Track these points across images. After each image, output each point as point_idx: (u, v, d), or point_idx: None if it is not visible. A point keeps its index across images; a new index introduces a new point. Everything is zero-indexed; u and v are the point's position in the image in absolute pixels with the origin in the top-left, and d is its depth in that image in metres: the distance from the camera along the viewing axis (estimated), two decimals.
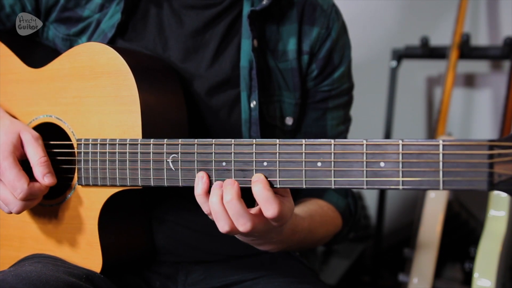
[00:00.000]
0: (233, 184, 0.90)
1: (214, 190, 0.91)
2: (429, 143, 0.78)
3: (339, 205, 1.27)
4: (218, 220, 0.92)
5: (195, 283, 1.19)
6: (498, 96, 2.40)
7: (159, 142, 0.98)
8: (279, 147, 0.89)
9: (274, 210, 0.88)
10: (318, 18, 1.22)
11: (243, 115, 1.17)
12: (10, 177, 1.03)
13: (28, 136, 1.07)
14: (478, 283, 1.56)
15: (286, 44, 1.21)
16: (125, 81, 1.05)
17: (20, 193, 1.03)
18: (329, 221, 1.23)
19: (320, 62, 1.23)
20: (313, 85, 1.25)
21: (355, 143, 0.83)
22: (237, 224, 0.90)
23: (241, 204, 0.89)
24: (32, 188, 1.04)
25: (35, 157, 1.06)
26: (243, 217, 0.89)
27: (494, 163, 0.75)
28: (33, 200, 1.06)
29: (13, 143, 1.06)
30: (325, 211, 1.22)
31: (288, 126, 1.23)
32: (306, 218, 1.11)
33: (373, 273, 2.45)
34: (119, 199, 1.07)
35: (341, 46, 1.26)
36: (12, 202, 1.04)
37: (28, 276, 0.95)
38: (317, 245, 1.28)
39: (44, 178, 1.05)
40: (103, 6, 1.21)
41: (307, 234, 1.11)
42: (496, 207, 1.68)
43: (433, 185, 0.78)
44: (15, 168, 1.03)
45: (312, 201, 1.23)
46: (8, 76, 1.19)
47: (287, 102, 1.22)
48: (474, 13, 2.40)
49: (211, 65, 1.18)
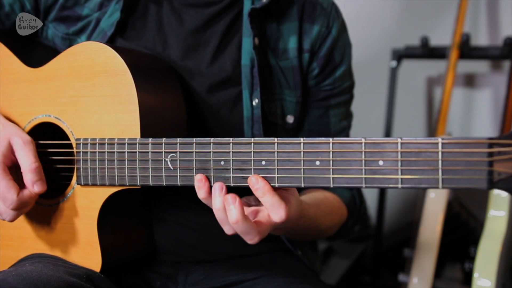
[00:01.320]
0: (234, 201, 0.88)
1: (216, 198, 0.90)
2: (428, 141, 0.78)
3: (344, 196, 1.28)
4: (223, 225, 0.92)
5: (195, 283, 1.19)
6: (498, 96, 2.40)
7: (157, 141, 0.98)
8: (278, 146, 0.88)
9: (282, 215, 0.88)
10: (318, 16, 1.23)
11: (245, 113, 1.16)
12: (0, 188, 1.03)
13: (19, 141, 1.05)
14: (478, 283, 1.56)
15: (286, 42, 1.21)
16: (123, 81, 1.05)
17: (10, 204, 1.03)
18: (334, 211, 1.23)
19: (321, 60, 1.23)
20: (315, 83, 1.25)
21: (353, 141, 0.83)
22: (245, 239, 0.90)
23: (247, 223, 0.88)
24: (21, 198, 1.03)
25: (25, 163, 1.04)
26: (250, 234, 0.89)
27: (493, 161, 0.74)
28: (25, 207, 1.06)
29: (2, 152, 1.05)
30: (331, 201, 1.23)
31: (289, 124, 1.23)
32: (312, 205, 1.11)
33: (373, 273, 2.45)
34: (118, 198, 1.07)
35: (342, 45, 1.26)
36: (4, 212, 1.05)
37: (28, 276, 0.95)
38: (322, 235, 1.27)
39: (34, 186, 1.04)
40: (102, 4, 1.21)
41: (312, 222, 1.11)
42: (496, 207, 1.68)
43: (432, 183, 0.78)
44: (4, 179, 1.03)
45: (317, 190, 1.24)
46: (7, 76, 1.19)
47: (288, 100, 1.22)
48: (474, 13, 2.39)
49: (211, 63, 1.18)
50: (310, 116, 1.27)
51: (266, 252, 1.25)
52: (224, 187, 0.91)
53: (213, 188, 0.91)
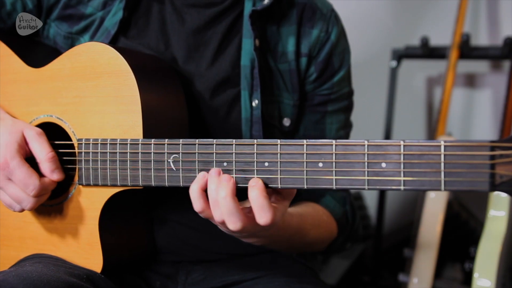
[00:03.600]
0: (229, 180, 0.90)
1: (211, 178, 0.91)
2: (431, 143, 0.78)
3: (335, 212, 1.26)
4: (214, 210, 0.91)
5: (195, 283, 1.19)
6: (498, 96, 2.41)
7: (160, 142, 0.98)
8: (280, 147, 0.89)
9: (267, 219, 0.88)
10: (317, 21, 1.22)
11: (243, 114, 1.16)
12: (20, 176, 1.03)
13: (32, 133, 1.07)
14: (478, 283, 1.56)
15: (285, 45, 1.21)
16: (126, 81, 1.05)
17: (33, 190, 1.03)
18: (322, 225, 1.21)
19: (319, 65, 1.23)
20: (312, 88, 1.24)
21: (356, 143, 0.83)
22: (228, 221, 0.90)
23: (234, 203, 0.88)
24: (43, 183, 1.04)
25: (41, 153, 1.06)
26: (234, 216, 0.89)
27: (495, 164, 0.75)
28: (44, 195, 1.06)
29: (17, 142, 1.05)
30: (319, 215, 1.22)
31: (286, 127, 1.23)
32: (295, 216, 1.10)
33: (373, 273, 2.45)
34: (120, 199, 1.07)
35: (341, 51, 1.26)
36: (25, 199, 1.04)
37: (29, 276, 0.95)
38: (310, 248, 1.25)
39: (53, 174, 1.06)
40: (106, 3, 1.21)
41: (295, 232, 1.10)
42: (496, 207, 1.68)
43: (435, 185, 0.78)
44: (24, 165, 1.04)
45: (307, 203, 1.23)
46: (9, 76, 1.19)
47: (286, 103, 1.22)
48: (474, 13, 2.40)
49: (211, 64, 1.18)
50: (306, 121, 1.26)
51: (266, 252, 1.25)
52: (221, 172, 0.92)
53: (210, 171, 0.92)
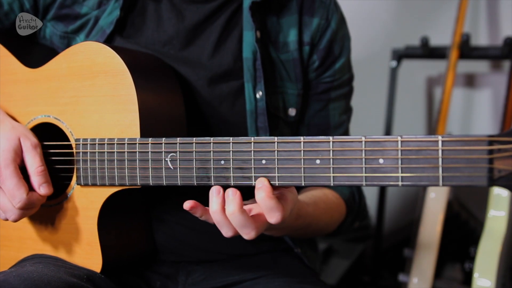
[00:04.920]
0: (234, 194, 0.89)
1: (213, 198, 0.91)
2: (428, 139, 0.78)
3: (343, 193, 1.28)
4: (221, 227, 0.92)
5: (195, 283, 1.19)
6: (498, 96, 2.40)
7: (157, 141, 0.98)
8: (278, 145, 0.88)
9: (277, 218, 0.89)
10: (317, 9, 1.24)
11: (248, 106, 1.17)
12: (10, 186, 1.03)
13: (28, 144, 1.07)
14: (478, 283, 1.56)
15: (286, 35, 1.22)
16: (122, 80, 1.05)
17: (18, 202, 1.03)
18: (333, 208, 1.23)
19: (321, 53, 1.24)
20: (315, 76, 1.26)
21: (353, 140, 0.83)
22: (241, 233, 0.91)
23: (244, 216, 0.89)
24: (30, 197, 1.04)
25: (32, 166, 1.06)
26: (246, 228, 0.90)
27: (493, 158, 0.74)
28: (31, 209, 1.06)
29: (14, 150, 1.06)
30: (330, 198, 1.23)
31: (291, 117, 1.24)
32: (310, 204, 1.12)
33: (373, 273, 2.45)
34: (118, 198, 1.07)
35: (341, 37, 1.27)
36: (10, 210, 1.05)
37: (30, 277, 0.95)
38: (322, 232, 1.27)
39: (40, 188, 1.05)
40: (101, 3, 1.21)
41: (311, 220, 1.12)
42: (496, 207, 1.68)
43: (433, 181, 0.78)
44: (16, 177, 1.04)
45: (317, 188, 1.24)
46: (6, 77, 1.19)
47: (290, 93, 1.23)
48: (474, 13, 2.40)
49: (212, 56, 1.18)
50: (310, 110, 1.28)
51: (266, 252, 1.25)
52: (221, 190, 0.91)
53: (210, 191, 0.92)
